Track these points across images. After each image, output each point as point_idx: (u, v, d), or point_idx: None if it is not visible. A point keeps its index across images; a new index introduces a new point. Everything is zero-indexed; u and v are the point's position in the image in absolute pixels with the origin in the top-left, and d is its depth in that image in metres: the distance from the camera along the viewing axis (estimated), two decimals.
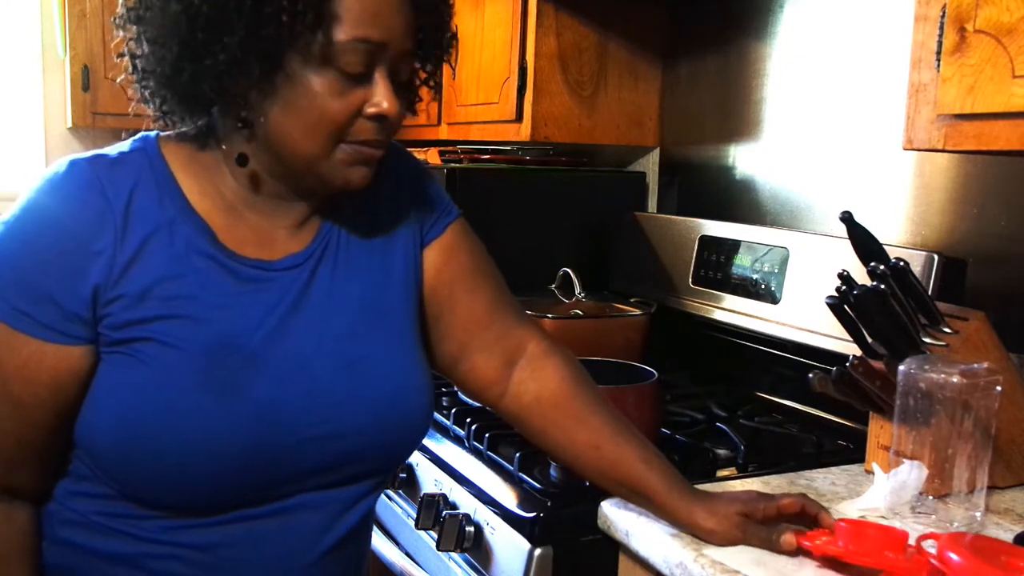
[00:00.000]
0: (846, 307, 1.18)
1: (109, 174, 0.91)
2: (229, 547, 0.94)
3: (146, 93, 0.95)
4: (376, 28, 0.88)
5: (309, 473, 0.95)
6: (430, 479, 1.44)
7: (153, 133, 0.97)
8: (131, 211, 0.90)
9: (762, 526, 1.01)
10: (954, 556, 0.92)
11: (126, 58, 0.96)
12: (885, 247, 1.20)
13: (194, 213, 0.94)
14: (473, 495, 1.33)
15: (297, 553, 0.97)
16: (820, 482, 1.25)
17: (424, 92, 1.04)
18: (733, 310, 1.75)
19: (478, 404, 1.55)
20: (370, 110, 0.90)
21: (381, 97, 0.90)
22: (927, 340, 1.17)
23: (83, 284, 0.88)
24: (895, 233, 1.56)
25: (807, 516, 1.04)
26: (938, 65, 1.07)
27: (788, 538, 0.99)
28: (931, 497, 1.10)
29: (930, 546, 0.96)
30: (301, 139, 0.90)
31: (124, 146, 0.96)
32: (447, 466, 1.42)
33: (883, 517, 1.11)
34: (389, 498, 1.54)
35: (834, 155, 1.70)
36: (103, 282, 0.88)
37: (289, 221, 0.99)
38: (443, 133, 2.39)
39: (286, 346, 0.94)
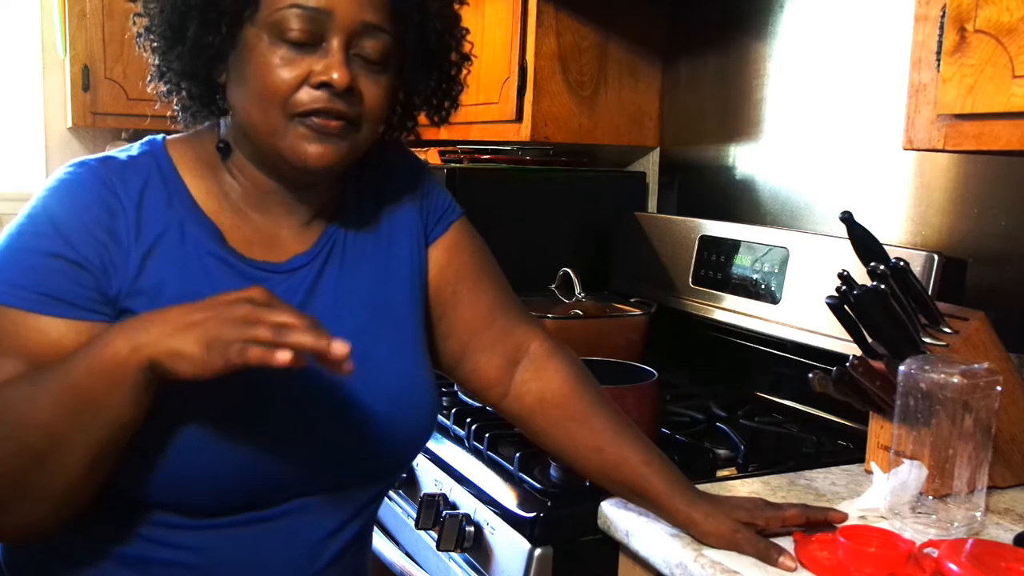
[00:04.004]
0: (846, 307, 1.18)
1: (120, 175, 0.92)
2: (234, 550, 0.94)
3: (165, 91, 0.98)
4: None
5: (316, 474, 0.95)
6: (430, 479, 1.44)
7: (160, 136, 0.99)
8: (142, 211, 0.91)
9: (761, 536, 1.01)
10: (953, 567, 0.92)
11: (149, 59, 0.98)
12: (885, 247, 1.20)
13: (202, 214, 0.95)
14: (473, 495, 1.33)
15: (302, 558, 0.97)
16: (820, 482, 1.25)
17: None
18: (733, 310, 1.75)
19: (478, 404, 1.55)
20: (315, 79, 0.88)
21: (328, 65, 0.88)
22: (927, 340, 1.17)
23: (102, 273, 0.88)
24: (895, 233, 1.56)
25: (815, 525, 1.04)
26: (938, 65, 1.07)
27: (786, 561, 0.98)
28: (931, 497, 1.10)
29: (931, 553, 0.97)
30: (256, 113, 0.91)
31: (132, 149, 0.97)
32: (447, 466, 1.42)
33: (883, 517, 1.11)
34: (389, 498, 1.54)
35: (834, 155, 1.70)
36: (121, 274, 0.89)
37: (293, 221, 0.99)
38: (443, 133, 2.38)
39: None
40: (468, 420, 1.50)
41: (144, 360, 0.78)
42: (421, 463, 1.48)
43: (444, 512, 1.33)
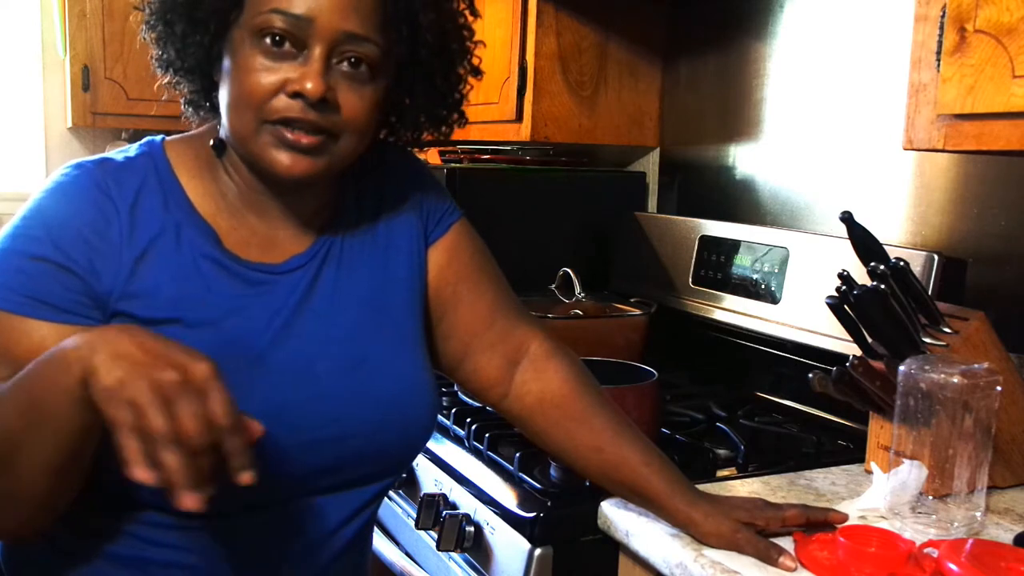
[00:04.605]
0: (846, 307, 1.18)
1: (115, 177, 0.92)
2: (231, 550, 0.94)
3: (172, 82, 0.98)
4: (296, 0, 0.87)
5: (315, 474, 0.95)
6: (430, 479, 1.44)
7: (159, 137, 0.99)
8: (137, 213, 0.91)
9: (761, 537, 1.01)
10: (953, 567, 0.92)
11: (154, 53, 0.98)
12: (885, 247, 1.20)
13: (199, 216, 0.95)
14: (473, 495, 1.33)
15: (301, 558, 0.97)
16: (820, 482, 1.24)
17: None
18: (733, 310, 1.75)
19: (478, 404, 1.55)
20: (290, 87, 0.88)
21: (303, 74, 0.87)
22: (927, 340, 1.17)
23: (93, 276, 0.88)
24: (895, 233, 1.56)
25: (815, 526, 1.04)
26: (938, 65, 1.07)
27: (787, 561, 0.97)
28: (931, 497, 1.10)
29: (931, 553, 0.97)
30: (233, 115, 0.91)
31: (131, 151, 0.97)
32: (447, 466, 1.42)
33: (883, 517, 1.11)
34: (389, 498, 1.54)
35: (834, 155, 1.70)
36: (112, 278, 0.89)
37: (290, 222, 0.99)
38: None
39: (291, 348, 0.95)
40: (468, 420, 1.50)
41: (80, 372, 0.74)
42: (421, 463, 1.48)
43: (444, 512, 1.33)
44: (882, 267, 1.14)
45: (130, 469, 0.71)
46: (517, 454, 1.33)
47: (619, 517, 1.13)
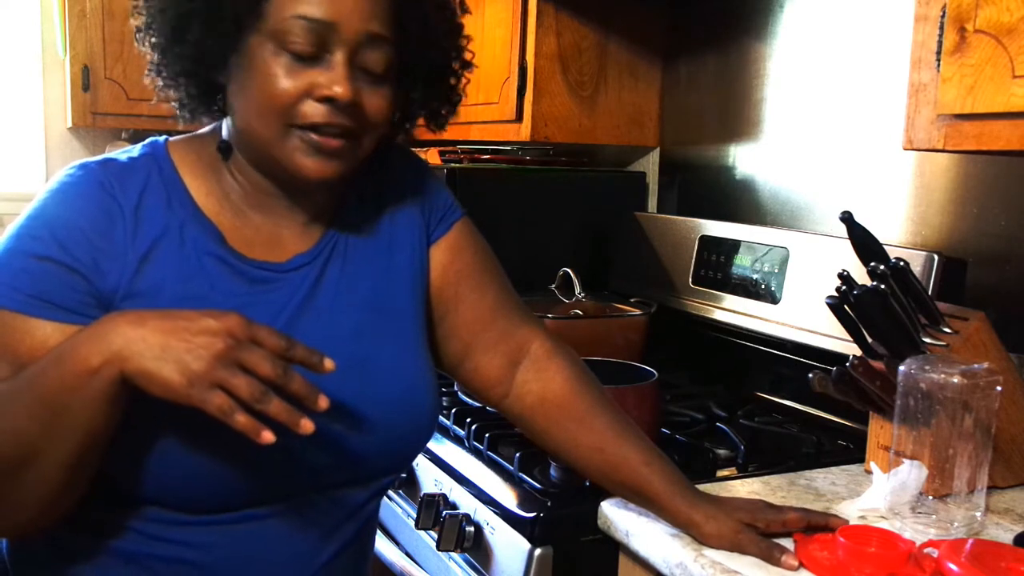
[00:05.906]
0: (846, 307, 1.18)
1: (119, 177, 0.93)
2: (232, 548, 0.94)
3: (163, 86, 0.98)
4: (318, 6, 0.87)
5: (316, 472, 0.96)
6: (430, 479, 1.44)
7: (162, 138, 0.99)
8: (140, 212, 0.92)
9: (763, 537, 1.01)
10: (953, 567, 0.92)
11: (148, 55, 0.98)
12: (885, 247, 1.20)
13: (203, 215, 0.95)
14: (473, 495, 1.33)
15: (302, 555, 0.97)
16: (820, 482, 1.25)
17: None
18: (733, 310, 1.75)
19: (478, 404, 1.55)
20: (319, 92, 0.88)
21: (331, 79, 0.88)
22: (927, 340, 1.17)
23: (97, 276, 0.88)
24: (895, 233, 1.56)
25: (815, 529, 1.04)
26: (938, 65, 1.07)
27: (789, 560, 0.97)
28: (931, 497, 1.10)
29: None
30: (255, 121, 0.91)
31: (134, 151, 0.97)
32: (447, 466, 1.42)
33: (883, 517, 1.11)
34: (389, 498, 1.54)
35: (834, 155, 1.70)
36: (116, 278, 0.89)
37: (295, 221, 0.99)
38: (443, 133, 2.39)
39: None
40: (468, 420, 1.50)
41: (116, 374, 0.79)
42: (421, 463, 1.48)
43: (444, 512, 1.33)
44: (882, 267, 1.14)
45: (257, 440, 0.78)
46: (517, 454, 1.33)
47: (619, 517, 1.13)
